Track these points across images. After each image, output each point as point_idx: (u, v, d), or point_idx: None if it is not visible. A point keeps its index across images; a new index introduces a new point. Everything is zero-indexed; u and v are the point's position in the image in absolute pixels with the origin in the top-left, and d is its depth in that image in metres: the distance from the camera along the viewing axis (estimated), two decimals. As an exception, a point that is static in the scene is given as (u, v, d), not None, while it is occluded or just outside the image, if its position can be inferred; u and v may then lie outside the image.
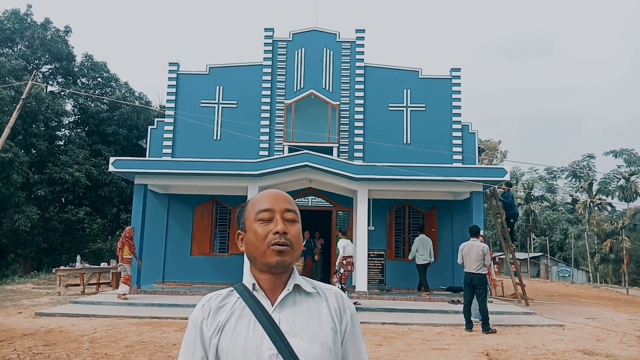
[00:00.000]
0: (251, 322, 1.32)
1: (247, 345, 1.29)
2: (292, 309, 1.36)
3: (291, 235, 1.37)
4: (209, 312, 1.37)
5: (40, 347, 6.99)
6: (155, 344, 7.35)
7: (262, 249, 1.36)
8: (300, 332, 1.32)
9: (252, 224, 1.40)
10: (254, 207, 1.42)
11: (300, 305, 1.37)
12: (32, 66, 23.99)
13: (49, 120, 23.62)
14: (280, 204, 1.41)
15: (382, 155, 14.69)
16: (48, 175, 21.90)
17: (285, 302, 1.36)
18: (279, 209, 1.40)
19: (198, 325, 1.37)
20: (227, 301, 1.39)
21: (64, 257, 24.15)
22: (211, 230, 15.07)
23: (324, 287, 1.46)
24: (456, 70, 15.62)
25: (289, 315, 1.34)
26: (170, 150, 15.25)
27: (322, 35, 15.92)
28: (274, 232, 1.36)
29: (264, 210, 1.39)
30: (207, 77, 15.72)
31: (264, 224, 1.38)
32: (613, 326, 10.24)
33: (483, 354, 7.20)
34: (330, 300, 1.41)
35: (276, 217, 1.38)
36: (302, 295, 1.39)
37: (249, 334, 1.30)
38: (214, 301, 1.39)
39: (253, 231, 1.39)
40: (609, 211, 42.98)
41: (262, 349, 1.28)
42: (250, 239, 1.40)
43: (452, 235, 14.77)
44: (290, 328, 1.32)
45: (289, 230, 1.37)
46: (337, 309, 1.41)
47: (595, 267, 37.49)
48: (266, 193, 1.45)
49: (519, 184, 46.64)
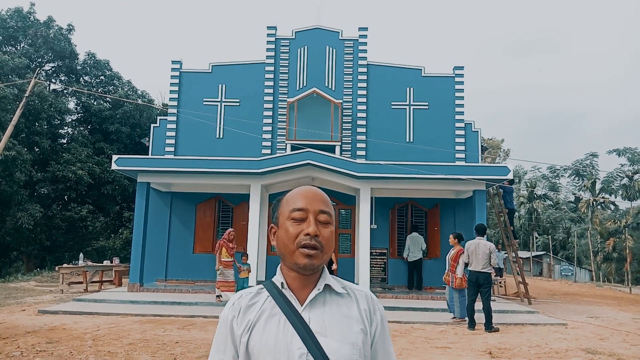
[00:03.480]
0: (281, 321, 1.32)
1: (278, 344, 1.29)
2: (322, 309, 1.35)
3: (322, 238, 1.35)
4: (239, 311, 1.37)
5: (43, 344, 7.01)
6: (157, 342, 7.36)
7: (291, 248, 1.35)
8: (331, 332, 1.31)
9: (285, 222, 1.38)
10: (288, 204, 1.41)
11: (330, 305, 1.36)
12: (35, 64, 24.03)
13: (51, 118, 23.65)
14: (315, 204, 1.38)
15: (384, 153, 14.67)
16: (51, 173, 21.95)
17: (315, 301, 1.36)
18: (313, 210, 1.37)
19: (228, 323, 1.37)
20: (257, 299, 1.38)
21: (67, 255, 24.21)
22: (214, 228, 15.08)
23: (354, 288, 1.44)
24: (459, 68, 15.59)
25: (318, 315, 1.33)
26: (172, 149, 15.26)
27: (325, 34, 15.90)
28: (305, 233, 1.34)
29: (298, 209, 1.37)
30: (209, 76, 15.71)
31: (296, 223, 1.36)
32: (616, 325, 10.22)
33: (486, 353, 7.19)
34: (360, 302, 1.40)
35: (309, 217, 1.36)
36: (332, 295, 1.38)
37: (279, 333, 1.30)
38: (244, 299, 1.39)
39: (285, 229, 1.38)
40: (612, 210, 42.87)
41: (292, 347, 1.28)
42: (281, 236, 1.39)
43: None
44: (321, 328, 1.31)
45: (320, 233, 1.35)
46: (367, 311, 1.39)
47: (598, 265, 37.42)
48: (303, 191, 1.42)
49: (522, 182, 46.54)
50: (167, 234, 14.88)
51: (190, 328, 8.66)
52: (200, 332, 8.26)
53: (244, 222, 14.16)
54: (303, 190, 1.43)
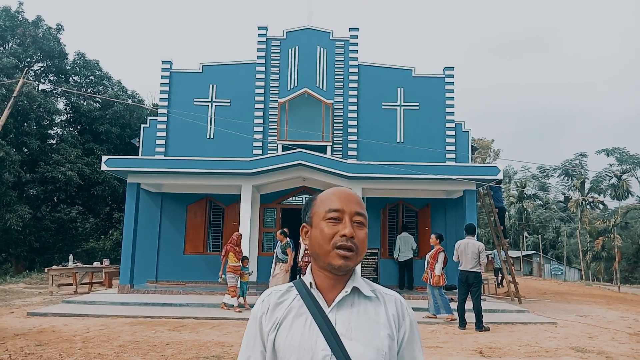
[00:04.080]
0: (307, 320, 1.32)
1: (302, 343, 1.29)
2: (349, 311, 1.34)
3: (358, 240, 1.36)
4: (268, 308, 1.38)
5: (32, 347, 6.94)
6: (148, 344, 7.32)
7: (326, 249, 1.35)
8: (356, 335, 1.31)
9: (320, 222, 1.39)
10: (323, 204, 1.41)
11: (357, 308, 1.35)
12: (24, 64, 23.81)
13: (40, 118, 23.44)
14: (351, 206, 1.39)
15: (375, 153, 14.71)
16: (40, 174, 21.75)
17: (343, 303, 1.35)
18: (349, 211, 1.37)
19: (258, 319, 1.38)
20: (286, 297, 1.39)
21: (57, 256, 24.01)
22: (204, 229, 15.02)
23: (384, 291, 1.43)
24: (449, 68, 15.66)
25: (345, 317, 1.33)
26: (163, 149, 15.18)
27: (316, 34, 15.90)
28: (341, 235, 1.34)
29: (334, 210, 1.37)
30: (200, 76, 15.66)
31: (332, 223, 1.37)
32: (605, 323, 10.31)
33: (476, 352, 7.22)
34: (389, 306, 1.39)
35: (345, 219, 1.37)
36: (360, 298, 1.37)
37: (305, 333, 1.30)
38: (274, 297, 1.40)
39: (320, 229, 1.38)
40: (600, 209, 43.23)
41: (316, 348, 1.28)
42: (315, 236, 1.39)
43: (445, 233, 14.79)
44: (346, 330, 1.31)
45: (356, 235, 1.35)
46: (395, 316, 1.38)
47: (588, 265, 37.70)
48: (337, 192, 1.43)
49: (512, 182, 46.84)
50: (158, 235, 14.80)
51: (181, 329, 8.62)
52: (191, 334, 8.23)
53: (235, 222, 14.12)
54: (338, 191, 1.44)
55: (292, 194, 14.97)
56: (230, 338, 7.91)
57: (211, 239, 15.15)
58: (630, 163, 40.15)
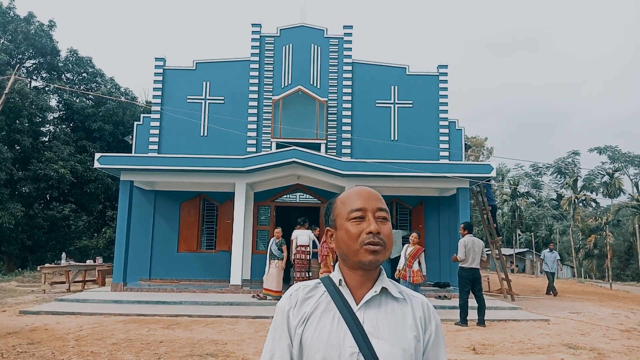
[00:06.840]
0: (335, 317, 1.33)
1: (330, 339, 1.30)
2: (376, 310, 1.35)
3: (384, 235, 1.37)
4: (295, 302, 1.39)
5: (24, 345, 6.91)
6: (142, 342, 7.30)
7: (355, 247, 1.36)
8: (383, 334, 1.32)
9: (344, 223, 1.40)
10: (345, 206, 1.42)
11: (385, 308, 1.37)
12: (16, 61, 23.64)
13: (33, 116, 23.28)
14: (372, 202, 1.40)
15: (369, 151, 14.73)
16: (32, 171, 21.61)
17: (371, 302, 1.36)
18: (371, 208, 1.39)
19: (285, 313, 1.38)
20: (314, 293, 1.40)
21: (49, 254, 23.89)
22: (198, 226, 14.99)
23: (411, 294, 1.45)
24: (443, 67, 15.69)
25: (373, 316, 1.34)
26: (156, 147, 15.12)
27: (310, 31, 15.87)
28: (367, 232, 1.35)
29: (357, 209, 1.39)
30: (193, 73, 15.60)
31: (356, 222, 1.38)
32: (597, 320, 10.38)
33: (469, 349, 7.25)
34: (416, 308, 1.40)
35: (368, 216, 1.38)
36: (388, 299, 1.38)
37: (333, 329, 1.31)
38: (302, 292, 1.41)
39: (345, 230, 1.39)
40: (593, 207, 43.47)
41: (344, 345, 1.29)
42: (342, 237, 1.40)
43: (438, 231, 14.89)
44: (374, 329, 1.32)
45: (381, 230, 1.37)
46: (422, 318, 1.39)
47: (580, 262, 37.93)
48: (357, 191, 1.44)
49: (505, 180, 47.01)
50: (151, 233, 14.75)
51: (174, 327, 8.60)
52: (184, 332, 8.22)
53: (229, 220, 14.10)
54: (357, 190, 1.45)
55: (286, 191, 14.96)
56: (224, 336, 7.91)
57: (205, 236, 15.12)
58: (622, 161, 40.41)
